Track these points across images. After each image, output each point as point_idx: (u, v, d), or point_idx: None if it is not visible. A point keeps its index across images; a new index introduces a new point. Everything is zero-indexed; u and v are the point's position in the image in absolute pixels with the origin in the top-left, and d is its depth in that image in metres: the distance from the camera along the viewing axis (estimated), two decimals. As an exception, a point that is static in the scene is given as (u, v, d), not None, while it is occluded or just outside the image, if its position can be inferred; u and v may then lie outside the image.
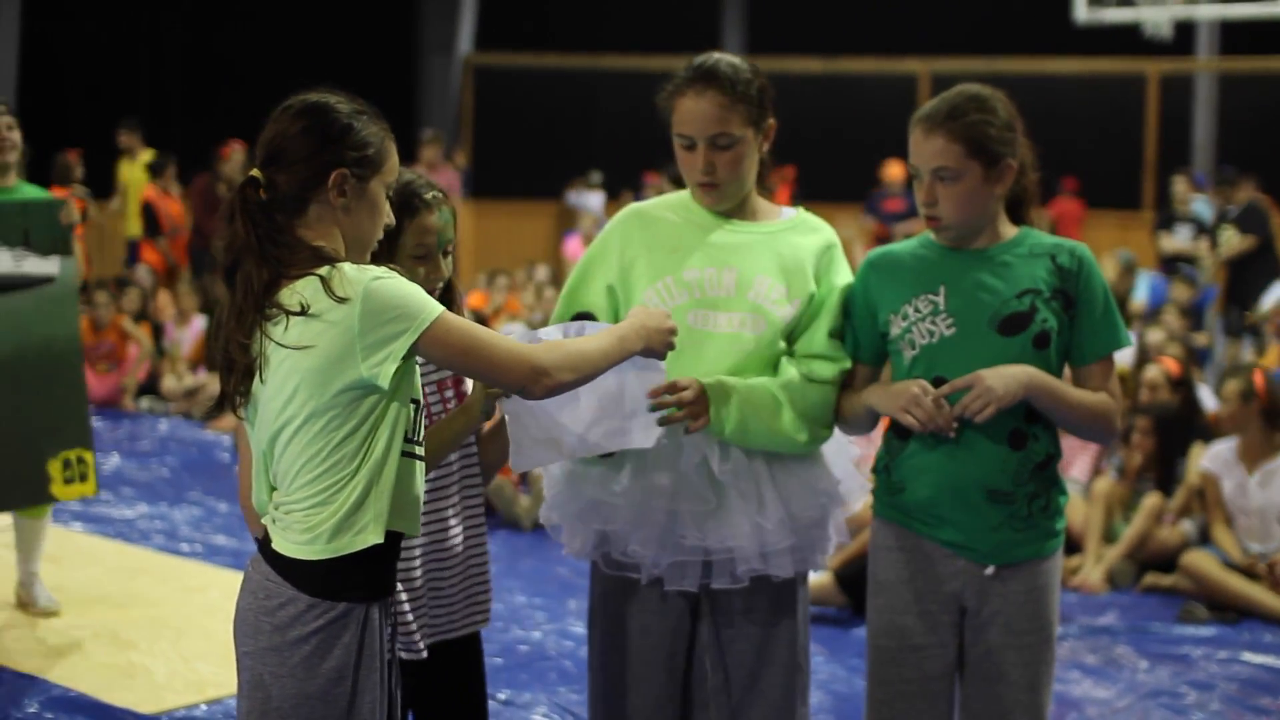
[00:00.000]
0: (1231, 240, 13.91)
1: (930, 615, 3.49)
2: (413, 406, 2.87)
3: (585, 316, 3.42)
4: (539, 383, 2.85)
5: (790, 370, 3.46)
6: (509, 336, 2.94)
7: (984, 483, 3.42)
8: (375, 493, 2.80)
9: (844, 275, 3.58)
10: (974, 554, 3.46)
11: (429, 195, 3.33)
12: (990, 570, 3.46)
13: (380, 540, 2.81)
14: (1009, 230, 3.51)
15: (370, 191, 2.88)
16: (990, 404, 3.32)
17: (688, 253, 3.46)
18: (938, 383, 3.41)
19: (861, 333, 3.56)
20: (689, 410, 3.30)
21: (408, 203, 3.27)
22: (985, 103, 3.42)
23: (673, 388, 3.27)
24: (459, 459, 3.47)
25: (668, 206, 3.57)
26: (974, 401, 3.33)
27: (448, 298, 3.40)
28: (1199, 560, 7.14)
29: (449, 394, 3.45)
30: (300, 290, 2.75)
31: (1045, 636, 3.50)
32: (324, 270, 2.75)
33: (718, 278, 3.45)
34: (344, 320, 2.71)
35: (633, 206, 3.61)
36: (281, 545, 2.82)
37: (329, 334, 2.72)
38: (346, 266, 2.76)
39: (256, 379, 2.81)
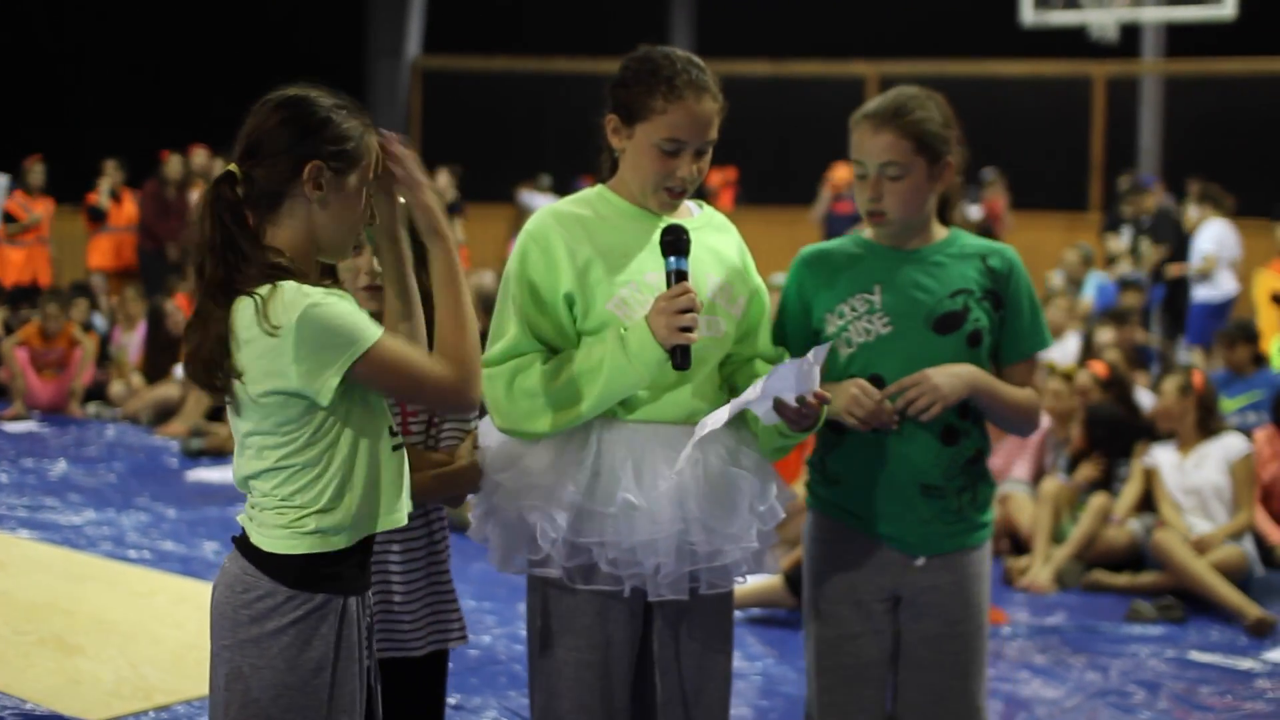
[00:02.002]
0: (1149, 253, 14.20)
1: (864, 604, 3.55)
2: (385, 404, 2.86)
3: None
4: (465, 392, 2.81)
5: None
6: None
7: (917, 477, 3.50)
8: (347, 499, 2.80)
9: (757, 273, 3.47)
10: (904, 545, 3.53)
11: None
12: (920, 561, 3.54)
13: (348, 545, 2.82)
14: (940, 231, 3.59)
15: (348, 186, 2.80)
16: (936, 402, 3.40)
17: (636, 253, 3.26)
18: (875, 379, 3.45)
19: (792, 329, 3.58)
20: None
21: None
22: (925, 102, 3.50)
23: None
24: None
25: (587, 204, 3.33)
26: (921, 399, 3.40)
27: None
28: (1169, 541, 7.25)
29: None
30: (239, 313, 2.71)
31: (977, 625, 3.57)
32: (264, 291, 2.69)
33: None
34: (274, 349, 2.68)
35: (551, 209, 3.33)
36: (259, 539, 2.82)
37: (260, 362, 2.70)
38: (288, 287, 2.70)
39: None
